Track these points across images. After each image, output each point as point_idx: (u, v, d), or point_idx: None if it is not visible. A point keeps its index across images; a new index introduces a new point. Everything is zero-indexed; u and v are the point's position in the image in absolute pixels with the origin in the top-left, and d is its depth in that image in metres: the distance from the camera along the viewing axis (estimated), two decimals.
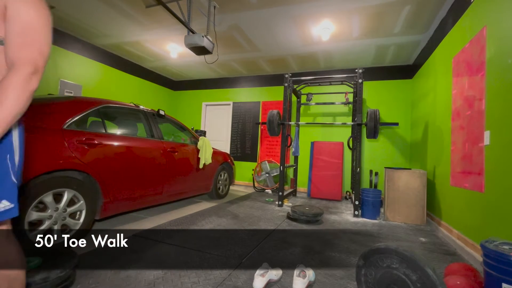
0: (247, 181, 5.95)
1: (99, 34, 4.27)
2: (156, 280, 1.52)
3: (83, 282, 1.45)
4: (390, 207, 3.35)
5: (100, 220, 2.65)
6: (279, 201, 3.87)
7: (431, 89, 3.55)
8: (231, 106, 6.27)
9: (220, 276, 1.61)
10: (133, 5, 3.34)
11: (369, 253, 1.32)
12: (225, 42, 4.28)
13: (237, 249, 2.06)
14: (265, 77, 5.98)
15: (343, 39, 3.96)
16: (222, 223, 2.78)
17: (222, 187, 4.17)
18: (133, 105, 2.78)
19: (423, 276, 1.09)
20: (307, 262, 1.89)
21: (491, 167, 1.92)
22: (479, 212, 2.07)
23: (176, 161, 3.02)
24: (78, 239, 1.98)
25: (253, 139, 5.99)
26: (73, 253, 1.47)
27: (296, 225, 2.88)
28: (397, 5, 3.02)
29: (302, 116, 5.51)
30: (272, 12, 3.32)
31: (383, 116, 4.97)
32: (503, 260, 1.21)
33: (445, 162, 2.87)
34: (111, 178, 2.21)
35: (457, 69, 2.66)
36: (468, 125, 2.33)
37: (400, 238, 2.63)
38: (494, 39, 1.97)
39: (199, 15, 3.45)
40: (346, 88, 5.12)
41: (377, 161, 4.94)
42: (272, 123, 4.02)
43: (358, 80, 3.68)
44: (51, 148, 1.78)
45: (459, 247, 2.31)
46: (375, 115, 3.46)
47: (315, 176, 4.83)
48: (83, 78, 4.56)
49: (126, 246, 1.98)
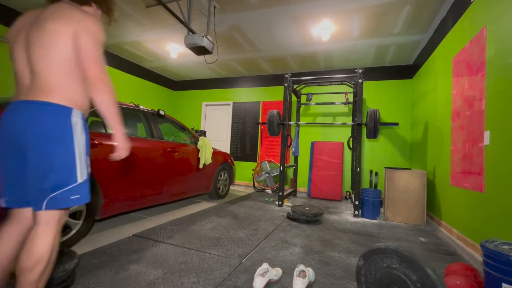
0: (247, 181, 5.95)
1: None
2: (156, 280, 1.52)
3: (83, 282, 1.45)
4: (390, 207, 3.35)
5: (100, 220, 2.65)
6: (279, 201, 3.87)
7: (431, 89, 3.55)
8: (231, 106, 6.27)
9: (220, 276, 1.61)
10: (133, 5, 3.34)
11: (369, 253, 1.32)
12: (225, 42, 4.28)
13: (237, 249, 2.06)
14: (265, 77, 5.98)
15: (343, 39, 3.96)
16: (222, 223, 2.78)
17: (222, 187, 4.17)
18: (133, 105, 2.78)
19: (423, 276, 1.09)
20: (307, 262, 1.89)
21: (491, 167, 1.92)
22: (479, 212, 2.08)
23: (176, 161, 3.02)
24: (78, 239, 1.98)
25: (253, 139, 6.00)
26: (73, 253, 1.47)
27: (296, 225, 2.88)
28: (397, 5, 3.02)
29: (302, 116, 5.51)
30: (272, 12, 3.32)
31: (383, 116, 4.98)
32: (503, 260, 1.21)
33: (445, 162, 2.87)
34: (111, 178, 2.21)
35: (457, 69, 2.66)
36: (468, 125, 2.33)
37: (400, 238, 2.63)
38: (494, 39, 1.97)
39: (199, 15, 3.45)
40: (346, 88, 5.13)
41: (377, 161, 4.94)
42: (272, 123, 4.02)
43: (358, 80, 3.68)
44: None
45: (459, 247, 2.31)
46: (375, 115, 3.46)
47: (315, 176, 4.83)
48: None
49: (126, 246, 1.98)
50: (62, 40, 0.97)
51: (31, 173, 0.95)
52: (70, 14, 0.99)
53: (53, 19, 0.97)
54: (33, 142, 0.94)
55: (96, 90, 1.02)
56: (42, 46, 0.96)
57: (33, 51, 0.97)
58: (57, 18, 0.97)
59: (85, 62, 1.00)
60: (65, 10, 0.99)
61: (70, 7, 1.02)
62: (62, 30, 0.97)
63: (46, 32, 0.96)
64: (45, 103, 0.95)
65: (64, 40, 0.97)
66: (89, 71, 1.01)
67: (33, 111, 0.94)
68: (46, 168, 0.94)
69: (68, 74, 1.00)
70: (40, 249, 0.93)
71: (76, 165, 1.00)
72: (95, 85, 1.02)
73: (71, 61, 1.00)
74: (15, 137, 0.96)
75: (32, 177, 0.95)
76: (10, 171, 1.00)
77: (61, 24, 0.97)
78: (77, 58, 1.00)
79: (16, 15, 3.54)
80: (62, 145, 0.97)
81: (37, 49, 0.96)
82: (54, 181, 0.95)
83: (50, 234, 0.96)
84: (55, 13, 0.98)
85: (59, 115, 0.97)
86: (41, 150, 0.94)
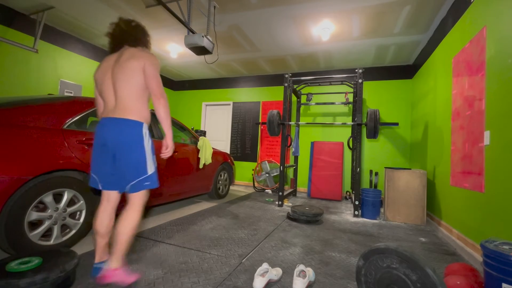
0: (247, 181, 5.95)
1: (99, 34, 4.27)
2: (156, 280, 1.52)
3: (83, 282, 1.45)
4: (390, 207, 3.35)
5: None
6: (279, 201, 3.87)
7: (431, 89, 3.55)
8: (231, 106, 6.27)
9: (220, 276, 1.61)
10: (133, 5, 3.34)
11: (369, 253, 1.32)
12: (225, 42, 4.28)
13: (237, 249, 2.06)
14: (265, 77, 5.98)
15: (343, 39, 3.96)
16: (222, 223, 2.78)
17: (222, 187, 4.17)
18: None
19: (423, 276, 1.09)
20: (307, 262, 1.89)
21: (491, 167, 1.92)
22: (479, 212, 2.08)
23: (176, 161, 3.02)
24: (78, 239, 1.98)
25: (253, 139, 5.99)
26: (73, 253, 1.47)
27: (296, 225, 2.88)
28: (397, 5, 3.02)
29: (302, 116, 5.51)
30: (272, 12, 3.32)
31: (383, 116, 4.98)
32: (503, 260, 1.21)
33: (445, 162, 2.87)
34: None
35: (457, 69, 2.66)
36: (468, 125, 2.33)
37: (400, 238, 2.63)
38: (494, 39, 1.97)
39: (199, 15, 3.45)
40: (346, 88, 5.13)
41: (377, 161, 4.94)
42: (272, 123, 4.02)
43: (358, 80, 3.68)
44: (51, 148, 1.78)
45: (459, 247, 2.31)
46: (375, 115, 3.46)
47: (315, 176, 4.83)
48: (83, 78, 4.57)
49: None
50: (137, 73, 1.41)
51: (118, 167, 1.42)
52: (140, 54, 1.45)
53: (129, 60, 1.42)
54: (119, 146, 1.38)
55: (157, 102, 1.46)
56: (123, 79, 1.40)
57: (117, 82, 1.41)
58: (132, 59, 1.42)
59: (151, 84, 1.45)
60: (136, 53, 1.46)
61: (137, 50, 1.49)
62: (136, 66, 1.41)
63: (126, 69, 1.41)
64: (126, 119, 1.40)
65: (138, 72, 1.42)
66: (154, 89, 1.45)
67: (119, 125, 1.39)
68: (127, 165, 1.40)
69: (140, 98, 1.44)
70: (129, 218, 1.42)
71: (147, 162, 1.44)
72: (157, 99, 1.45)
73: (142, 87, 1.44)
74: (106, 142, 1.39)
75: (118, 170, 1.42)
76: (104, 166, 1.44)
77: (136, 62, 1.42)
78: (145, 82, 1.44)
79: (16, 15, 3.56)
80: (137, 149, 1.41)
81: (120, 81, 1.41)
82: (133, 174, 1.40)
83: (135, 209, 1.44)
84: (130, 56, 1.44)
85: (135, 128, 1.41)
86: (124, 152, 1.39)
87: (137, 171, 1.41)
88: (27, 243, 1.65)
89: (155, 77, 1.45)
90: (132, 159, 1.39)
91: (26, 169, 1.61)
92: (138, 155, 1.41)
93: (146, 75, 1.43)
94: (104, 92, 1.46)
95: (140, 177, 1.42)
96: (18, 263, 1.29)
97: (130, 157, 1.39)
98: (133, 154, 1.40)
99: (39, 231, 1.73)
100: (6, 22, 3.51)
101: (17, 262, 1.30)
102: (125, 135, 1.38)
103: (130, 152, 1.39)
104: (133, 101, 1.41)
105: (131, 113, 1.40)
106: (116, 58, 1.47)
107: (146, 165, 1.43)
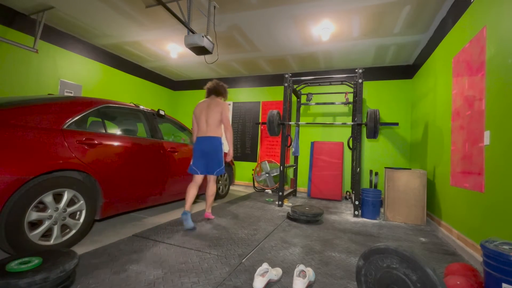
0: (247, 181, 5.95)
1: (99, 34, 4.27)
2: (156, 280, 1.52)
3: (83, 282, 1.45)
4: (390, 207, 3.35)
5: (100, 220, 2.65)
6: (279, 201, 3.87)
7: (431, 89, 3.55)
8: (231, 106, 6.27)
9: (220, 276, 1.61)
10: (133, 5, 3.34)
11: (369, 253, 1.32)
12: (225, 42, 4.28)
13: (237, 249, 2.06)
14: (265, 77, 5.98)
15: (343, 39, 3.96)
16: (222, 223, 2.78)
17: (222, 187, 4.17)
18: (133, 105, 2.77)
19: (423, 276, 1.09)
20: (307, 262, 1.89)
21: (491, 167, 1.92)
22: (479, 212, 2.08)
23: (176, 161, 3.02)
24: (78, 239, 1.98)
25: (253, 139, 6.00)
26: (73, 253, 1.47)
27: (296, 225, 2.88)
28: (397, 5, 3.02)
29: (302, 116, 5.51)
30: (272, 12, 3.32)
31: (383, 116, 4.98)
32: (503, 260, 1.21)
33: (445, 162, 2.88)
34: (111, 178, 2.21)
35: (457, 69, 2.66)
36: (468, 125, 2.33)
37: (400, 238, 2.63)
38: (494, 39, 1.97)
39: (199, 15, 3.45)
40: (346, 88, 5.13)
41: (377, 161, 4.94)
42: (272, 123, 4.02)
43: (358, 80, 3.68)
44: (51, 148, 1.78)
45: (459, 247, 2.31)
46: (375, 115, 3.46)
47: (315, 176, 4.83)
48: (83, 78, 4.57)
49: (126, 246, 1.98)
50: (218, 113, 2.70)
51: (209, 163, 2.67)
52: (220, 103, 2.75)
53: (215, 106, 2.71)
54: (211, 151, 2.66)
55: (227, 130, 2.75)
56: (211, 115, 2.68)
57: (208, 116, 2.68)
58: (216, 105, 2.72)
59: (224, 120, 2.73)
60: (219, 101, 2.76)
61: (218, 99, 2.80)
62: (219, 110, 2.71)
63: (213, 111, 2.69)
64: (214, 136, 2.67)
65: (219, 113, 2.70)
66: (225, 123, 2.74)
67: (211, 140, 2.66)
68: (214, 161, 2.67)
69: (219, 125, 2.71)
70: (211, 188, 2.78)
71: (222, 160, 2.71)
72: (227, 129, 2.75)
73: (220, 120, 2.71)
74: (203, 149, 2.66)
75: (210, 164, 2.67)
76: (202, 163, 2.67)
77: (218, 107, 2.71)
78: (221, 119, 2.72)
79: (16, 15, 3.56)
80: (218, 153, 2.68)
81: (209, 116, 2.68)
82: (216, 166, 2.67)
83: (214, 183, 2.79)
84: (215, 103, 2.73)
85: (218, 141, 2.69)
86: (213, 154, 2.66)
87: (218, 164, 2.67)
88: (27, 243, 1.65)
89: (226, 117, 2.73)
90: (216, 158, 2.66)
91: (26, 169, 1.61)
92: (220, 155, 2.69)
93: (222, 116, 2.71)
94: (200, 122, 2.69)
95: (219, 167, 2.68)
96: (18, 263, 1.29)
97: (216, 156, 2.66)
98: (216, 155, 2.66)
99: (39, 231, 1.73)
100: (6, 22, 3.51)
101: (17, 262, 1.29)
102: (214, 145, 2.65)
103: (216, 154, 2.66)
104: (216, 127, 2.67)
105: (215, 133, 2.67)
106: (208, 103, 2.72)
107: (222, 161, 2.70)
